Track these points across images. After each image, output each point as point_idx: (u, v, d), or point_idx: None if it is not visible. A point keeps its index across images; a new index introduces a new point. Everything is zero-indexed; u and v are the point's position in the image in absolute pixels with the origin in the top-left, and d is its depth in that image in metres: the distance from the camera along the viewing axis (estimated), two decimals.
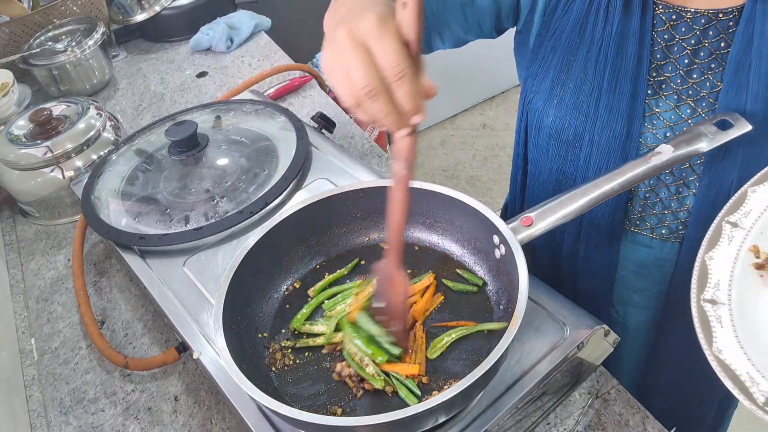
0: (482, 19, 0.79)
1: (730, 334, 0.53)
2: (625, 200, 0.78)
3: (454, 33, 0.81)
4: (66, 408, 0.85)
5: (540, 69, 0.76)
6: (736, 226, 0.60)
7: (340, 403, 0.64)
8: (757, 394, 0.49)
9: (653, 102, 0.72)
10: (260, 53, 1.52)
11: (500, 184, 2.66)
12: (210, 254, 0.84)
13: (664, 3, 0.68)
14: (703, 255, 0.59)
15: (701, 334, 0.54)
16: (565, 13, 0.72)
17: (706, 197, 0.72)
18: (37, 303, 1.02)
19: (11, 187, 1.15)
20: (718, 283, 0.57)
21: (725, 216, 0.61)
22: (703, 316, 0.55)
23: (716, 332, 0.54)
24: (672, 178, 0.75)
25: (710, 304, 0.56)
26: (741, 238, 0.59)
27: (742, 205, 0.61)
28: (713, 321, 0.54)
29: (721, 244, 0.59)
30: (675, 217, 0.77)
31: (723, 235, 0.60)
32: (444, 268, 0.75)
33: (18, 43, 1.47)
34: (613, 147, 0.73)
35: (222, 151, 0.98)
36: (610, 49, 0.70)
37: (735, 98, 0.67)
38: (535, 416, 0.71)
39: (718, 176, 0.71)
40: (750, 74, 0.65)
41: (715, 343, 0.53)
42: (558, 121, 0.76)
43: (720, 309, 0.55)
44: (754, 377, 0.50)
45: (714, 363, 0.52)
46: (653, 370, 0.93)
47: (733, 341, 0.53)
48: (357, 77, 0.48)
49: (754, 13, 0.63)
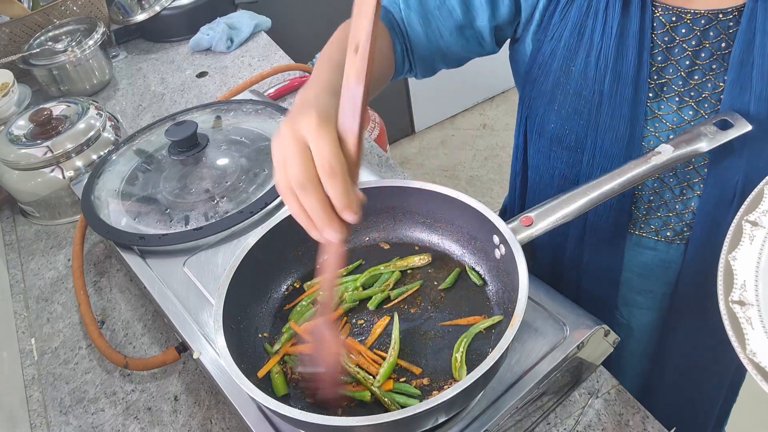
0: (482, 38, 0.79)
1: (761, 335, 0.52)
2: (629, 203, 0.77)
3: (456, 55, 0.82)
4: (66, 408, 0.85)
5: (539, 74, 0.75)
6: (757, 225, 0.59)
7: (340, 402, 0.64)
8: None
9: (655, 105, 0.71)
10: (260, 53, 1.52)
11: (500, 184, 2.66)
12: (210, 254, 0.84)
13: (663, 5, 0.68)
14: (726, 256, 0.58)
15: (733, 337, 0.52)
16: (563, 18, 0.71)
17: (711, 198, 0.72)
18: (37, 303, 1.02)
19: (11, 187, 1.15)
20: (744, 283, 0.56)
21: (744, 215, 0.60)
22: (734, 319, 0.54)
23: (748, 334, 0.53)
24: (676, 180, 0.74)
25: (739, 305, 0.54)
26: (762, 236, 0.58)
27: (760, 202, 0.60)
28: (744, 323, 0.53)
29: (743, 244, 0.58)
30: (680, 219, 0.77)
31: (744, 234, 0.59)
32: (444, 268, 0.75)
33: (18, 43, 1.47)
34: (616, 151, 0.73)
35: (222, 151, 0.98)
36: (609, 52, 0.69)
37: (738, 98, 0.66)
38: (535, 416, 0.71)
39: (723, 177, 0.70)
40: (753, 73, 0.65)
41: (749, 345, 0.52)
42: (559, 125, 0.76)
43: (749, 310, 0.54)
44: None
45: (749, 366, 0.51)
46: (658, 371, 0.93)
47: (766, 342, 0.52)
48: (292, 170, 0.51)
49: (755, 12, 0.63)
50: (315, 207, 0.51)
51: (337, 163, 0.50)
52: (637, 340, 0.91)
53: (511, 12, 0.76)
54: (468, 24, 0.77)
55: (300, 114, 0.52)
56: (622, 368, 0.94)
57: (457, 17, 0.76)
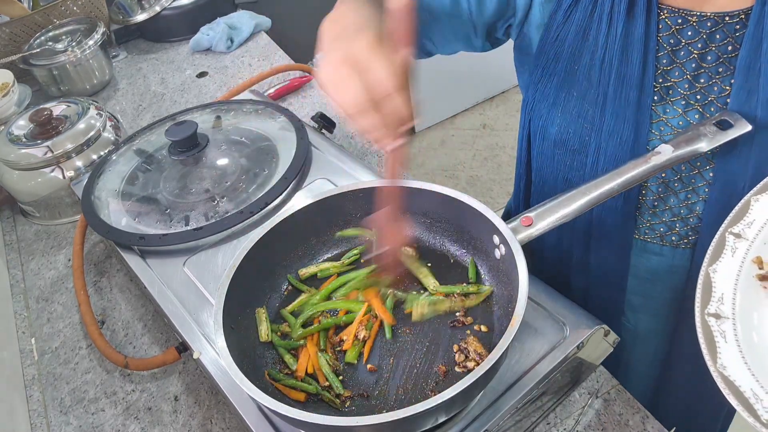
0: (469, 31, 0.78)
1: (734, 349, 0.53)
2: (633, 208, 0.77)
3: (446, 40, 0.81)
4: (66, 408, 0.85)
5: (543, 76, 0.75)
6: (740, 237, 0.59)
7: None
8: (761, 411, 0.48)
9: (660, 108, 0.70)
10: (260, 53, 1.52)
11: (500, 184, 2.66)
12: (210, 254, 0.84)
13: (669, 7, 0.67)
14: (707, 268, 0.58)
15: (705, 350, 0.53)
16: (567, 20, 0.71)
17: (718, 202, 0.71)
18: (37, 303, 1.02)
19: (11, 187, 1.15)
20: (722, 296, 0.56)
21: (729, 227, 0.59)
22: (708, 332, 0.54)
23: (720, 348, 0.53)
24: (681, 184, 0.73)
25: (714, 318, 0.55)
26: (744, 249, 0.58)
27: (745, 215, 0.59)
28: (717, 336, 0.54)
29: (725, 256, 0.58)
30: (685, 224, 0.76)
31: (726, 246, 0.59)
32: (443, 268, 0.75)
33: (18, 43, 1.47)
34: (620, 154, 0.72)
35: (222, 151, 0.98)
36: (614, 55, 0.68)
37: (745, 102, 0.65)
38: (535, 416, 0.71)
39: (729, 181, 0.69)
40: (760, 78, 0.64)
41: (720, 359, 0.52)
42: (563, 128, 0.75)
43: (724, 323, 0.54)
44: (758, 393, 0.50)
45: (719, 380, 0.51)
46: (666, 376, 0.92)
47: (737, 357, 0.52)
48: (349, 95, 0.54)
49: (763, 16, 0.62)
50: (375, 126, 0.55)
51: (391, 84, 0.52)
52: (645, 345, 0.90)
53: (501, 6, 0.75)
54: (456, 14, 0.76)
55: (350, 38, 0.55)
56: (630, 373, 0.93)
57: (445, 6, 0.76)
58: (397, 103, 0.53)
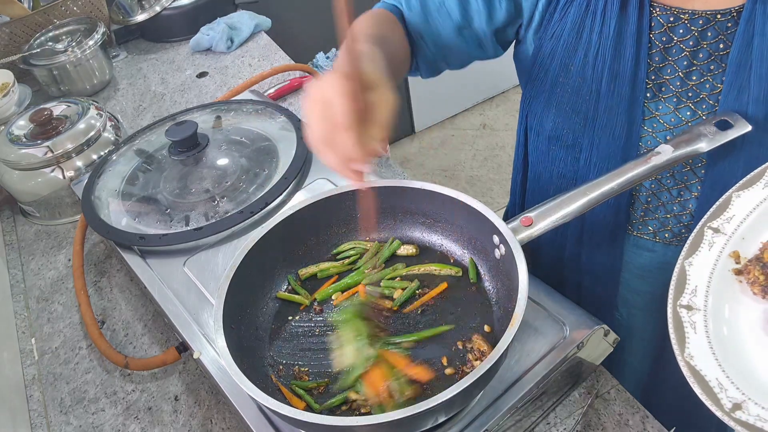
0: (481, 40, 0.79)
1: (702, 339, 0.54)
2: (627, 204, 0.77)
3: (458, 56, 0.82)
4: (66, 408, 0.85)
5: (539, 72, 0.76)
6: (718, 232, 0.60)
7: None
8: (724, 400, 0.49)
9: (653, 105, 0.71)
10: (260, 53, 1.52)
11: (500, 184, 2.66)
12: (210, 254, 0.84)
13: (661, 5, 0.68)
14: (683, 261, 0.59)
15: (675, 339, 0.54)
16: (563, 17, 0.72)
17: (710, 199, 0.71)
18: (37, 303, 1.02)
19: (12, 187, 1.15)
20: (695, 289, 0.57)
21: (708, 221, 0.61)
22: (678, 322, 0.55)
23: (689, 337, 0.54)
24: (673, 181, 0.74)
25: (686, 309, 0.56)
26: (722, 243, 0.59)
27: (725, 210, 0.60)
28: (687, 327, 0.55)
29: (702, 250, 0.59)
30: (678, 221, 0.77)
31: (704, 240, 0.60)
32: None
33: (18, 43, 1.47)
34: (613, 150, 0.73)
35: (222, 151, 0.98)
36: (607, 52, 0.70)
37: (736, 100, 0.66)
38: (535, 416, 0.71)
39: (720, 178, 0.70)
40: (751, 75, 0.65)
41: (688, 348, 0.54)
42: (557, 124, 0.76)
43: (695, 315, 0.56)
44: (723, 383, 0.51)
45: (685, 369, 0.52)
46: (660, 372, 0.93)
47: (706, 347, 0.53)
48: (314, 127, 0.55)
49: (754, 14, 0.63)
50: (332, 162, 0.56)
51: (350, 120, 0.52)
52: (637, 341, 0.91)
53: (510, 14, 0.76)
54: (466, 25, 0.77)
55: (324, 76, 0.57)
56: (623, 368, 0.94)
57: (456, 18, 0.77)
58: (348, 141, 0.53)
